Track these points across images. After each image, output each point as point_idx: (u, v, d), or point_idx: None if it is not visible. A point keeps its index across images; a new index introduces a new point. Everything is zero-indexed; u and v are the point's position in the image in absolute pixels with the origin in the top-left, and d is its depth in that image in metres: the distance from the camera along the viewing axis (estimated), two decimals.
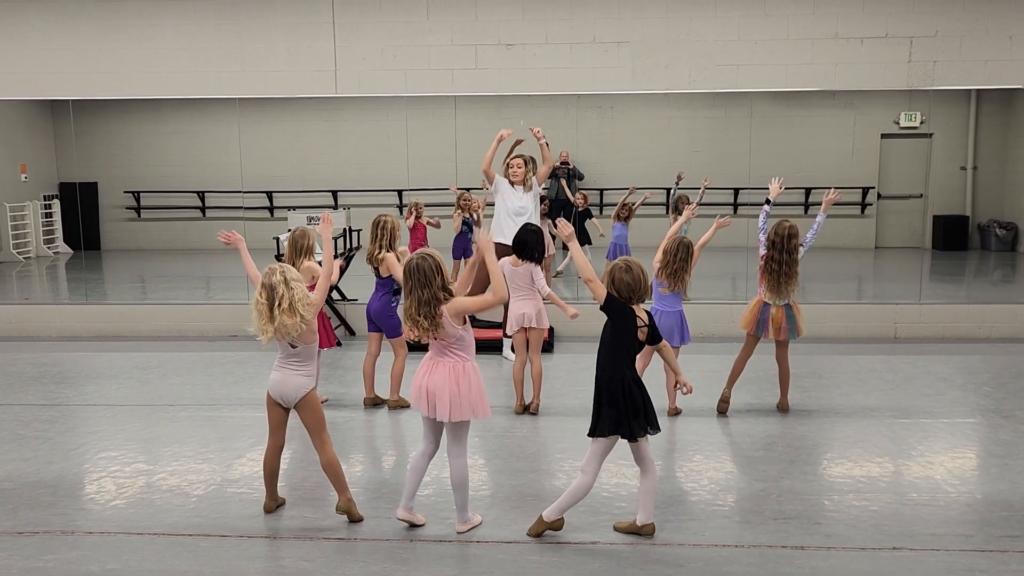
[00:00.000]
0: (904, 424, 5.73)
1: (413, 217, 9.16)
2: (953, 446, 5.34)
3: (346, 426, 5.84)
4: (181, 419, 5.96)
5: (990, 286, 12.11)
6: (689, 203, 9.14)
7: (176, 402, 6.37)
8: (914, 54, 8.25)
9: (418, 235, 9.20)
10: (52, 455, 5.23)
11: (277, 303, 3.94)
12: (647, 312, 3.96)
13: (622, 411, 3.82)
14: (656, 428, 3.93)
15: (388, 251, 6.01)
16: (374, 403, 6.22)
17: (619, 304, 3.87)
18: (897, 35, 8.23)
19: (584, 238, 10.61)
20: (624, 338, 3.88)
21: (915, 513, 4.30)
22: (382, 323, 6.16)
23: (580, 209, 10.81)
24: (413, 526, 4.12)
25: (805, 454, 5.18)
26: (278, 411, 4.21)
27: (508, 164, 7.57)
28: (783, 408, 6.00)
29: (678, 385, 4.10)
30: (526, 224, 6.15)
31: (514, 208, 7.44)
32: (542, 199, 9.62)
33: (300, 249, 5.80)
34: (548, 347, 7.80)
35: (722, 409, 5.94)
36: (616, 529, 4.07)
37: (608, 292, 3.87)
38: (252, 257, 4.48)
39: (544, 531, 4.01)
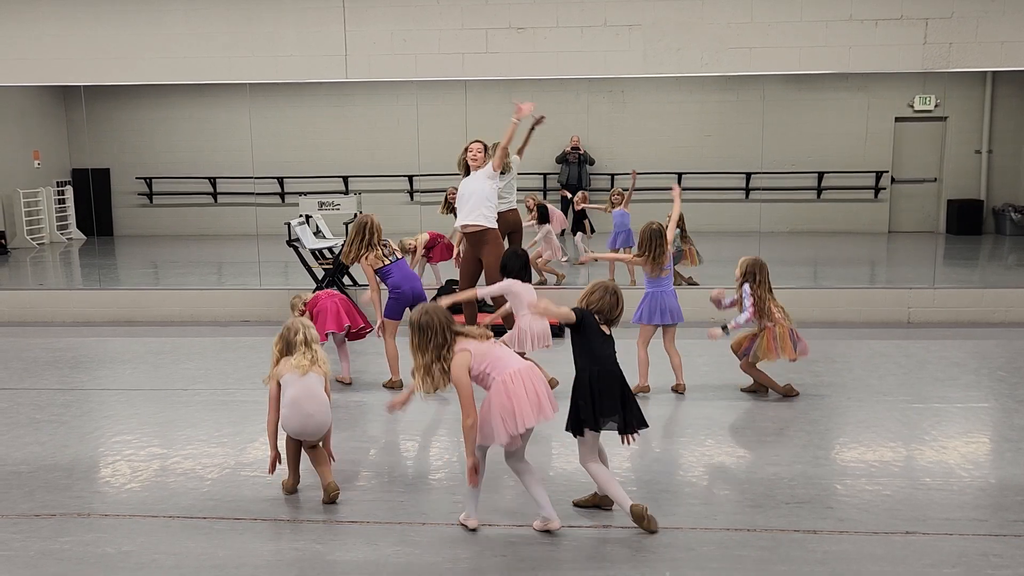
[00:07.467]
0: (917, 409, 5.70)
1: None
2: (967, 431, 5.32)
3: (358, 409, 5.86)
4: (195, 403, 6.00)
5: (1004, 270, 12.02)
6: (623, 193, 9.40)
7: (190, 386, 6.41)
8: (929, 36, 8.15)
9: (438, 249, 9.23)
10: (67, 439, 5.27)
11: (298, 357, 4.21)
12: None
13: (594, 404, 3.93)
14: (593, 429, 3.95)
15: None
16: (395, 385, 6.28)
17: (580, 311, 3.99)
18: (912, 16, 8.13)
19: (581, 227, 10.67)
20: (589, 335, 4.00)
21: (928, 497, 4.29)
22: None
23: (577, 209, 10.83)
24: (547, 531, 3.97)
25: (818, 438, 5.17)
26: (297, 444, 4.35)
27: (466, 148, 7.11)
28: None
29: None
30: (510, 252, 6.09)
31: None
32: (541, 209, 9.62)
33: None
34: (559, 332, 7.80)
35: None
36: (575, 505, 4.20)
37: (577, 309, 3.99)
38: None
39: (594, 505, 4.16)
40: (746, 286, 5.82)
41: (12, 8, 8.70)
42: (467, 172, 7.05)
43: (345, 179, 13.77)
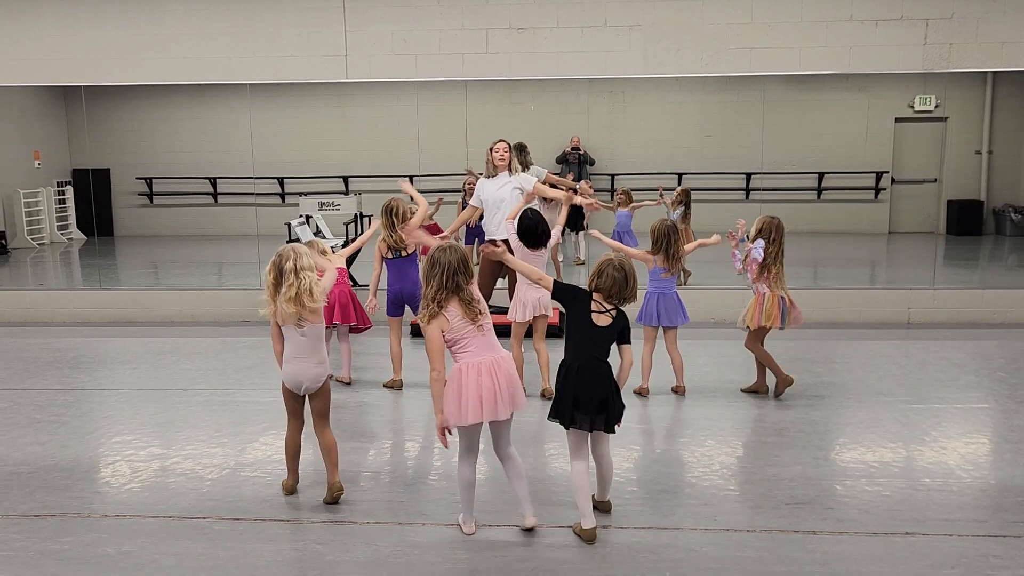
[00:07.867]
0: (917, 409, 5.71)
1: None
2: (966, 431, 5.31)
3: (359, 409, 5.86)
4: (195, 403, 6.00)
5: (1005, 271, 12.02)
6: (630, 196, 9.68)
7: (190, 387, 6.41)
8: (929, 36, 8.15)
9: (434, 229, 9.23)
10: (68, 439, 5.28)
11: (284, 290, 4.03)
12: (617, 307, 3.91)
13: (566, 399, 3.83)
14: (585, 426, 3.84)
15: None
16: (395, 385, 6.29)
17: (569, 289, 3.93)
18: (912, 17, 8.13)
19: (579, 224, 10.65)
20: (577, 324, 3.88)
21: (928, 498, 4.29)
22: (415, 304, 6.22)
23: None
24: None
25: (817, 439, 5.17)
26: (295, 399, 4.27)
27: (492, 148, 6.89)
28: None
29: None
30: (526, 211, 6.03)
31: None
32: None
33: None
34: (561, 332, 7.80)
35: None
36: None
37: (556, 281, 3.98)
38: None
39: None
40: (760, 240, 5.83)
41: (12, 8, 8.71)
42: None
43: (345, 179, 13.76)
